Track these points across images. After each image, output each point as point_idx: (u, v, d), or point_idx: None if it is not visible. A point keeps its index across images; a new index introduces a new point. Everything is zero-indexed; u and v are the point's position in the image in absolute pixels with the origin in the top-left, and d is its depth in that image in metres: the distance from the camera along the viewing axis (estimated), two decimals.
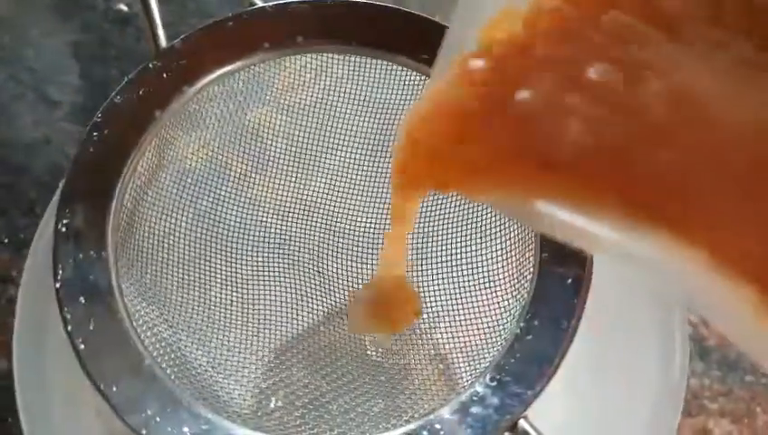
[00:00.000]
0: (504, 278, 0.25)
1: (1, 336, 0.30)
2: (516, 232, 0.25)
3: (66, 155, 0.35)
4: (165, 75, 0.24)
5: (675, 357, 0.25)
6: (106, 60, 0.38)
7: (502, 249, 0.26)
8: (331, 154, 0.28)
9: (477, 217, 0.27)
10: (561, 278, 0.23)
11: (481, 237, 0.26)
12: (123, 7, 0.39)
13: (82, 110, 0.36)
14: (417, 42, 0.25)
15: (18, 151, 0.35)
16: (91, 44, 0.38)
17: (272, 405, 0.23)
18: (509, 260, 0.25)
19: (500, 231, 0.26)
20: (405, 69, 0.26)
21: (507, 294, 0.25)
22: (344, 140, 0.28)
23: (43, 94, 0.37)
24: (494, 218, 0.26)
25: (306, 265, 0.27)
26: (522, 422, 0.21)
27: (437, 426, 0.21)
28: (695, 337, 0.31)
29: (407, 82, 0.26)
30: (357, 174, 0.28)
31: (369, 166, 0.28)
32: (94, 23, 0.38)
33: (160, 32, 0.24)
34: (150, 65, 0.24)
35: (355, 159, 0.28)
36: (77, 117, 0.36)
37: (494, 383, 0.21)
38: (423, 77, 0.26)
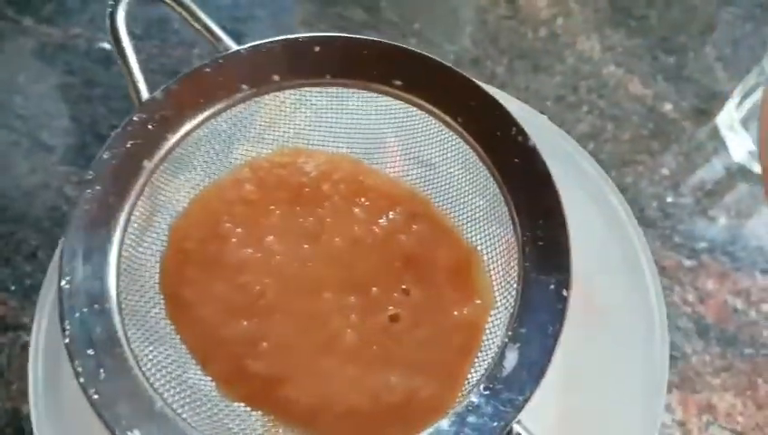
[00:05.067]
0: (494, 286, 0.26)
1: (19, 382, 0.31)
2: (501, 242, 0.26)
3: (65, 197, 0.35)
4: (150, 126, 0.25)
5: (655, 354, 0.26)
6: (93, 99, 0.38)
7: (488, 259, 0.27)
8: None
9: (462, 225, 0.27)
10: (544, 285, 0.24)
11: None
12: (105, 45, 0.40)
13: (76, 151, 0.37)
14: (389, 68, 0.26)
15: (17, 199, 0.36)
16: (78, 86, 0.38)
17: (281, 432, 0.24)
18: (495, 270, 0.26)
19: (486, 241, 0.27)
20: (380, 96, 0.27)
21: (498, 302, 0.26)
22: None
23: (36, 140, 0.37)
24: (479, 227, 0.27)
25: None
26: (515, 426, 0.22)
27: None
28: (693, 316, 0.32)
29: (384, 107, 0.27)
30: None
31: None
32: (78, 64, 0.39)
33: (141, 85, 0.25)
34: (135, 118, 0.25)
35: None
36: (71, 159, 0.37)
37: (488, 392, 0.22)
38: (398, 103, 0.27)
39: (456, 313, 0.26)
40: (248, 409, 0.24)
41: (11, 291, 0.33)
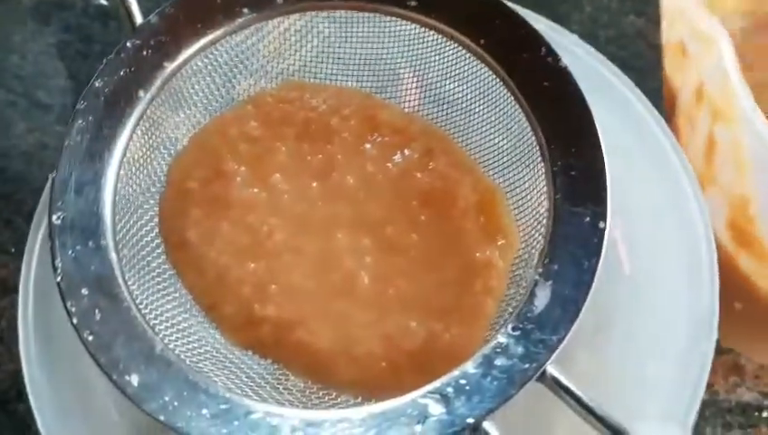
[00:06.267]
0: (519, 226, 0.24)
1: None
2: (528, 175, 0.24)
3: None
4: (144, 53, 0.23)
5: (703, 287, 0.24)
6: (91, 57, 0.37)
7: (513, 196, 0.25)
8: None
9: (484, 160, 0.25)
10: (578, 218, 0.22)
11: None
12: (102, 1, 0.38)
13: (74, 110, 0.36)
14: None
15: (16, 160, 0.35)
16: (75, 43, 0.37)
17: (291, 378, 0.22)
18: (522, 206, 0.24)
19: (511, 175, 0.25)
20: (393, 19, 0.25)
21: (523, 242, 0.24)
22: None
23: (33, 100, 0.36)
24: (502, 160, 0.25)
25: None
26: (549, 368, 0.20)
27: (462, 381, 0.20)
28: None
29: (397, 34, 0.25)
30: None
31: None
32: (75, 21, 0.38)
33: (135, 8, 0.23)
34: (128, 44, 0.23)
35: None
36: (70, 118, 0.36)
37: (517, 332, 0.21)
38: (414, 26, 0.25)
39: (478, 254, 0.24)
40: (256, 356, 0.23)
41: (11, 253, 0.33)
